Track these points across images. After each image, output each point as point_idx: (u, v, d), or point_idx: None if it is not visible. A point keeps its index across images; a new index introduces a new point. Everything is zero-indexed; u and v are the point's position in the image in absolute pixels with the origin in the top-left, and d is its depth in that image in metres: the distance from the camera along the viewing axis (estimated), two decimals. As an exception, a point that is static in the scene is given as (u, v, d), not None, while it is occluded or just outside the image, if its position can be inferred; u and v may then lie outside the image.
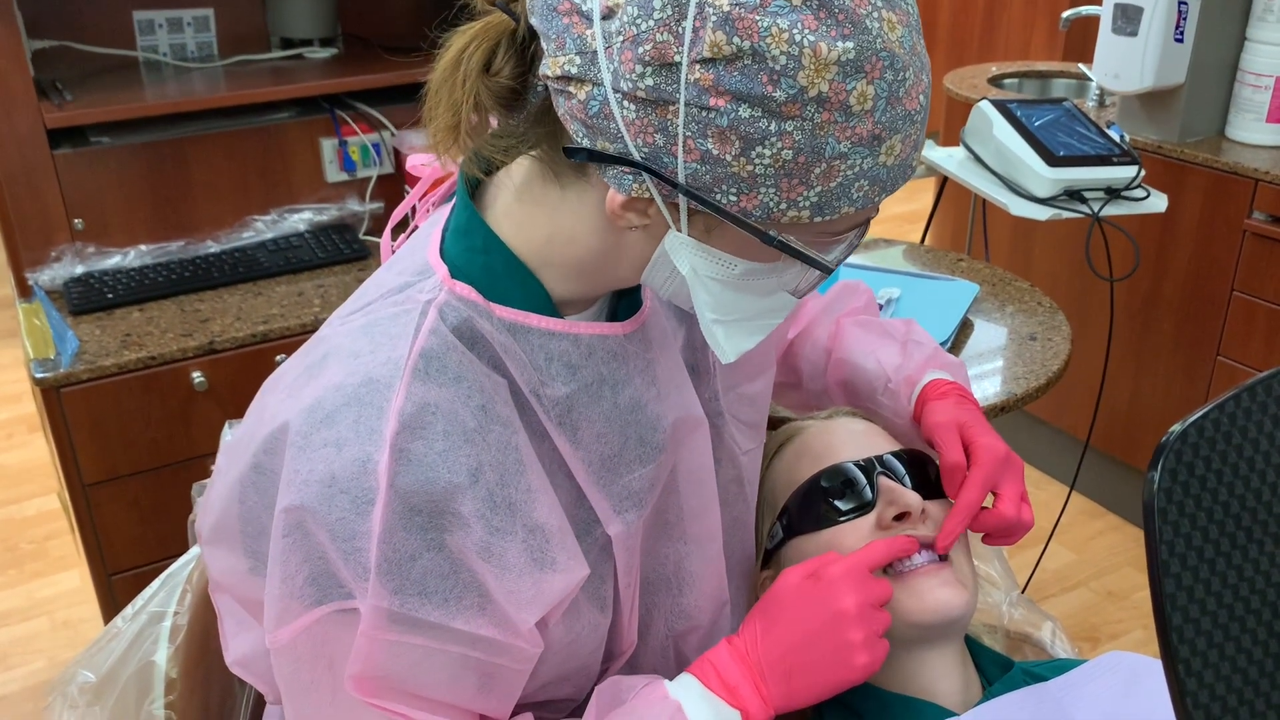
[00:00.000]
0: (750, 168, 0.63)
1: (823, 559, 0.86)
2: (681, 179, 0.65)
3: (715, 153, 0.63)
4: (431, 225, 0.80)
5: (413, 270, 0.76)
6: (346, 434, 0.68)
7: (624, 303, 0.82)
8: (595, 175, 0.70)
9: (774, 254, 0.70)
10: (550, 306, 0.76)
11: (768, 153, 0.63)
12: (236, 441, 0.77)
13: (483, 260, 0.75)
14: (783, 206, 0.65)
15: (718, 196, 0.65)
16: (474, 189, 0.79)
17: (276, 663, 0.73)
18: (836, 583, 0.82)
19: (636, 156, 0.65)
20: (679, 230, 0.69)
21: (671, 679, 0.82)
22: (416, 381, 0.69)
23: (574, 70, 0.65)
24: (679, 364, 0.86)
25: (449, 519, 0.69)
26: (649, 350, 0.82)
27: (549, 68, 0.66)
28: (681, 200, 0.67)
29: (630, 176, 0.66)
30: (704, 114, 0.62)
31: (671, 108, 0.63)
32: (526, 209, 0.75)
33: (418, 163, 0.76)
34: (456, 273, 0.74)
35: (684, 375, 0.86)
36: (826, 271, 0.72)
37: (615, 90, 0.64)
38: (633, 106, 0.64)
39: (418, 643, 0.70)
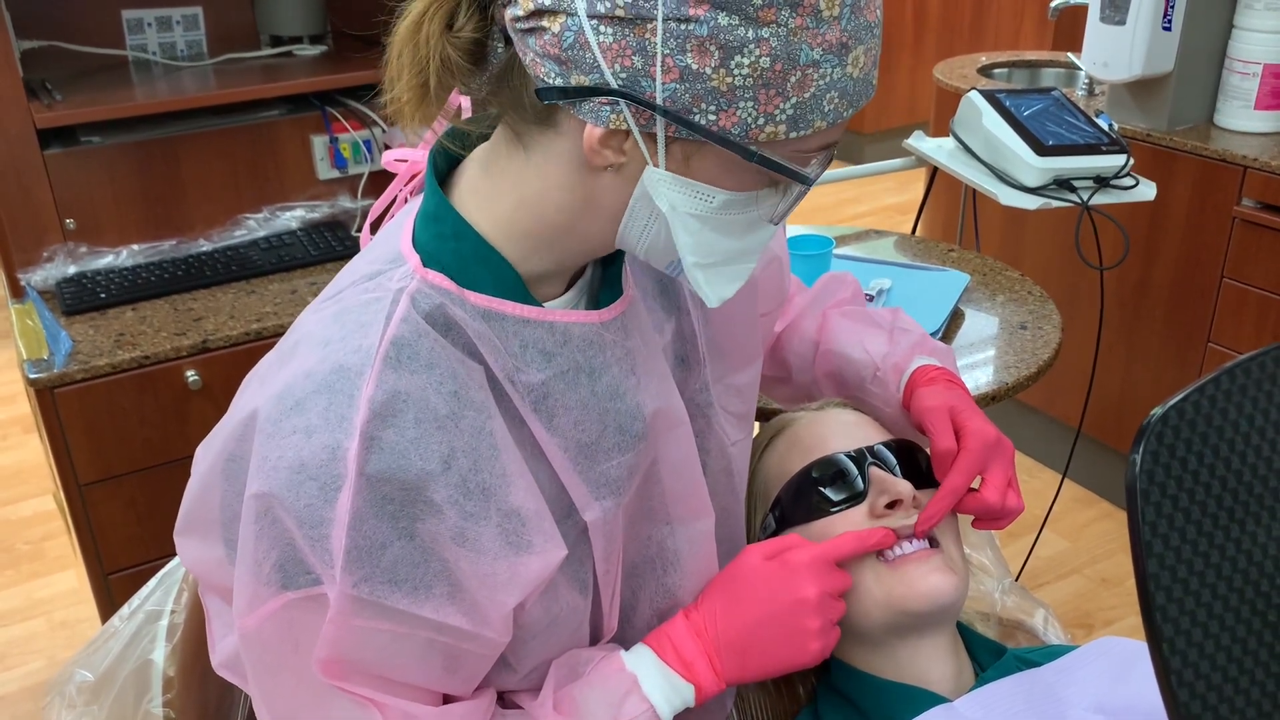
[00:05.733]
0: (730, 79, 0.65)
1: (785, 541, 0.88)
2: (660, 101, 0.66)
3: (695, 67, 0.64)
4: (405, 214, 0.80)
5: (385, 258, 0.76)
6: (316, 421, 0.68)
7: (604, 292, 0.82)
8: (565, 122, 0.70)
9: (752, 180, 0.71)
10: (524, 291, 0.76)
11: (746, 62, 0.64)
12: (212, 434, 0.77)
13: (453, 246, 0.75)
14: (760, 122, 0.67)
15: (696, 116, 0.66)
16: (443, 177, 0.80)
17: (244, 648, 0.74)
18: (801, 570, 0.84)
19: (614, 84, 0.66)
20: (656, 165, 0.69)
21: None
22: (388, 369, 0.69)
23: (547, 2, 0.66)
24: (660, 355, 0.86)
25: (421, 507, 0.69)
26: (628, 339, 0.82)
27: (519, 7, 0.67)
28: (659, 128, 0.68)
29: (607, 108, 0.67)
30: (683, 26, 0.64)
31: (650, 25, 0.64)
32: (492, 182, 0.75)
33: (392, 158, 0.76)
34: (429, 260, 0.75)
35: (665, 367, 0.86)
36: (806, 184, 0.73)
37: (590, 16, 0.65)
38: (609, 30, 0.65)
39: (385, 628, 0.70)
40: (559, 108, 0.69)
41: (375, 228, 0.87)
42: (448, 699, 0.78)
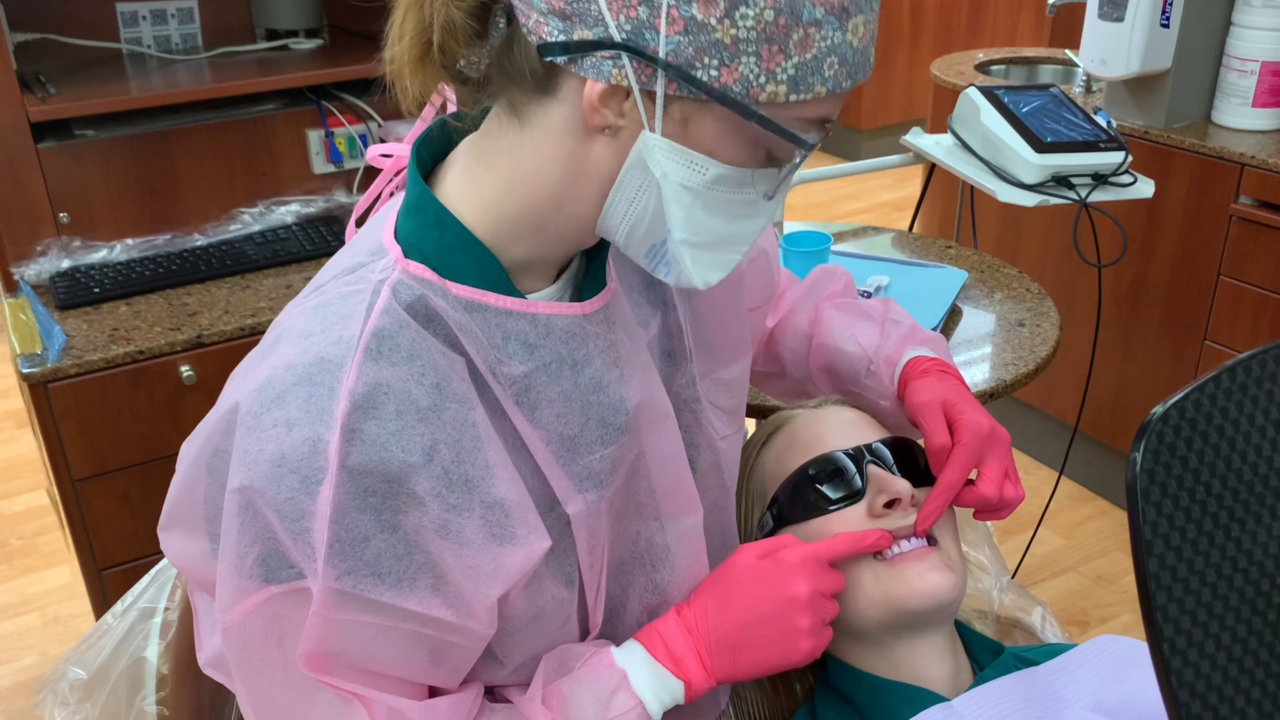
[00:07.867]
0: (734, 31, 0.66)
1: (779, 540, 0.87)
2: (663, 55, 0.66)
3: (699, 18, 0.65)
4: (389, 208, 0.80)
5: (367, 251, 0.76)
6: (297, 414, 0.68)
7: (588, 285, 0.82)
8: (565, 86, 0.70)
9: (747, 154, 0.71)
10: (506, 282, 0.76)
11: (750, 13, 0.65)
12: (197, 429, 0.77)
13: (436, 236, 0.75)
14: (762, 80, 0.67)
15: (699, 72, 0.67)
16: (429, 170, 0.79)
17: (227, 643, 0.73)
18: (793, 568, 0.84)
19: (617, 37, 0.66)
20: (653, 129, 0.70)
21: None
22: (368, 361, 0.69)
23: None
24: (644, 349, 0.86)
25: (404, 499, 0.69)
26: (611, 331, 0.81)
27: None
28: (660, 85, 0.68)
29: (609, 62, 0.67)
30: None
31: None
32: (481, 165, 0.75)
33: (377, 153, 0.76)
34: (410, 251, 0.74)
35: (649, 360, 0.86)
36: (806, 150, 0.73)
37: None
38: None
39: (370, 621, 0.70)
40: (559, 71, 0.69)
41: (361, 224, 0.87)
42: (434, 692, 0.78)
